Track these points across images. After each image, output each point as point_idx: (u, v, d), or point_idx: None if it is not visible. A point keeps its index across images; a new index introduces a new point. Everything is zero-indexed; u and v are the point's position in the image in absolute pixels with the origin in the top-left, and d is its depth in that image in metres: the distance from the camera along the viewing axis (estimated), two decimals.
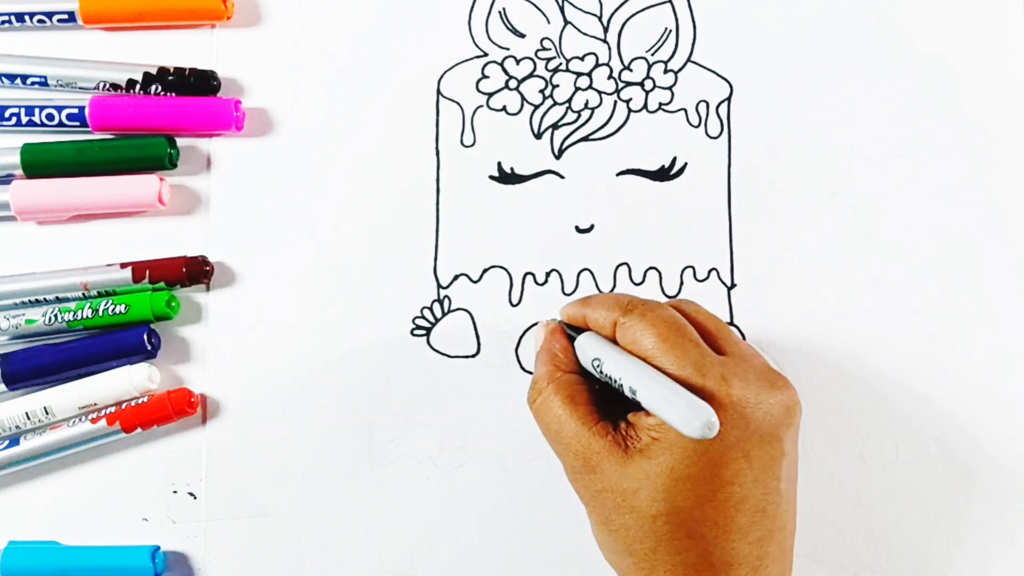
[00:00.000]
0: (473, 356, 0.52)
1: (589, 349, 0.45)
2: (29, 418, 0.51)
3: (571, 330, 0.46)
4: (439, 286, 0.52)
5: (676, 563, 0.41)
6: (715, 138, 0.53)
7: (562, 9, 0.54)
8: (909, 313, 0.51)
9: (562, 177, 0.53)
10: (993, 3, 0.53)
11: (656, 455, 0.41)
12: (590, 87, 0.53)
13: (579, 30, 0.53)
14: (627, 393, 0.42)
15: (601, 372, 0.44)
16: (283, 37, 0.54)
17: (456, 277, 0.52)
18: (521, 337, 0.52)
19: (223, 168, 0.53)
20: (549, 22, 0.54)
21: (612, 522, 0.42)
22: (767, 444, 0.42)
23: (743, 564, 0.41)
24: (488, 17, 0.54)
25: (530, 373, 0.52)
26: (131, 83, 0.53)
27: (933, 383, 0.51)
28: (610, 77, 0.53)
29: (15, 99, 0.53)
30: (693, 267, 0.52)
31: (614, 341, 0.44)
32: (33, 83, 0.53)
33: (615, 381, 0.42)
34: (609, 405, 0.44)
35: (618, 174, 0.53)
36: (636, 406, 0.43)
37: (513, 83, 0.53)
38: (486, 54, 0.54)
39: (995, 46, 0.53)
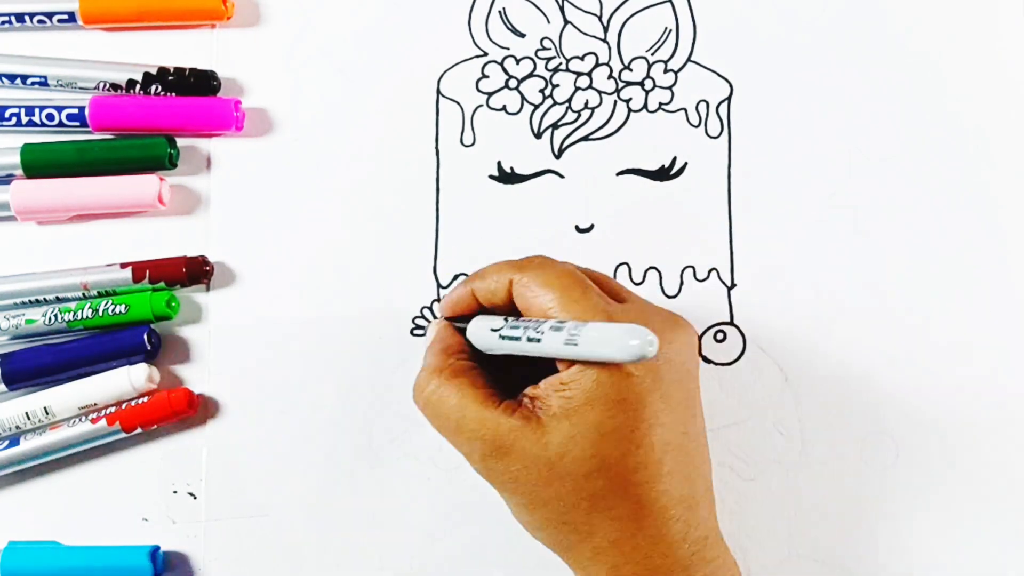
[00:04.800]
0: None
1: (484, 324, 0.44)
2: (29, 418, 0.51)
3: (459, 322, 0.46)
4: (439, 286, 0.52)
5: (613, 517, 0.41)
6: (715, 138, 0.53)
7: (562, 9, 0.54)
8: (909, 313, 0.51)
9: (562, 177, 0.53)
10: (991, 4, 0.53)
11: (575, 414, 0.40)
12: (590, 87, 0.53)
13: (579, 30, 0.53)
14: (538, 349, 0.41)
15: (504, 338, 0.42)
16: (283, 37, 0.54)
17: (456, 277, 0.52)
18: None
19: (223, 168, 0.53)
20: (549, 22, 0.54)
21: (539, 497, 0.41)
22: (682, 382, 0.42)
23: (677, 505, 0.41)
24: (488, 17, 0.54)
25: None
26: (131, 83, 0.53)
27: (933, 383, 0.51)
28: (610, 77, 0.53)
29: (15, 99, 0.53)
30: (693, 267, 0.52)
31: (508, 312, 0.44)
32: (33, 83, 0.53)
33: (523, 339, 0.41)
34: (505, 388, 0.43)
35: (618, 174, 0.53)
36: (534, 379, 0.42)
37: (513, 83, 0.53)
38: (486, 54, 0.54)
39: (993, 47, 0.53)
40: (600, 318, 0.41)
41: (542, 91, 0.53)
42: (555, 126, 0.53)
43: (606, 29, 0.53)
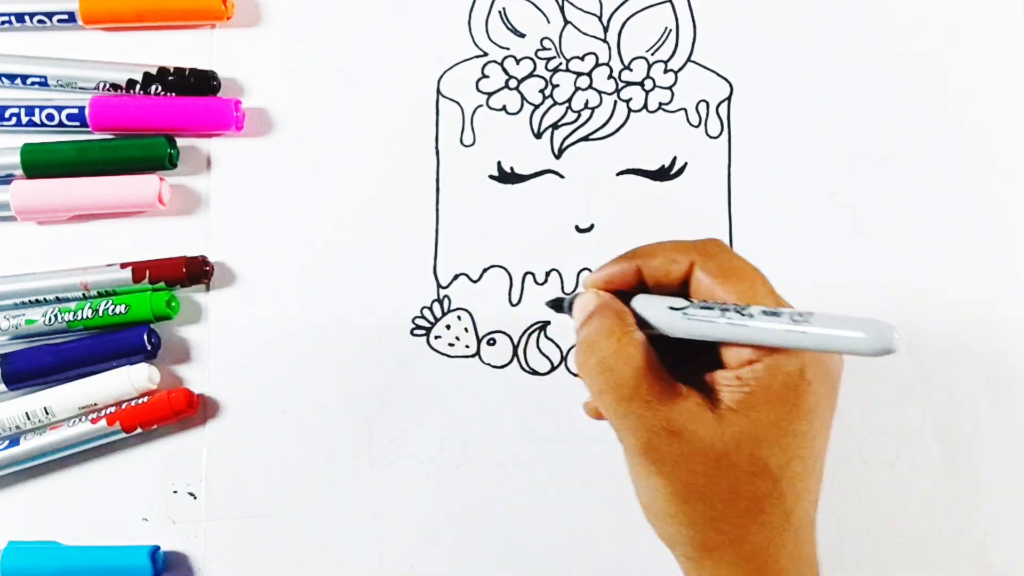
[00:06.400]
0: (473, 356, 0.52)
1: (661, 302, 0.40)
2: (29, 418, 0.51)
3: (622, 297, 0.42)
4: (439, 286, 0.52)
5: (765, 523, 0.39)
6: (715, 138, 0.53)
7: (562, 9, 0.54)
8: (908, 313, 0.51)
9: (562, 177, 0.53)
10: (991, 4, 0.53)
11: (754, 411, 0.38)
12: (590, 87, 0.53)
13: (579, 30, 0.53)
14: (742, 335, 0.38)
15: (691, 319, 0.39)
16: (283, 37, 0.54)
17: (456, 277, 0.52)
18: (524, 335, 0.52)
19: (223, 168, 0.53)
20: (549, 22, 0.54)
21: (697, 487, 0.39)
22: (833, 395, 0.41)
23: (810, 524, 0.40)
24: (488, 17, 0.54)
25: (533, 373, 0.52)
26: (131, 83, 0.53)
27: (933, 383, 0.51)
28: (610, 77, 0.53)
29: (15, 99, 0.53)
30: None
31: (675, 292, 0.41)
32: (33, 83, 0.53)
33: (723, 321, 0.39)
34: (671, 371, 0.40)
35: (618, 174, 0.53)
36: (704, 368, 0.40)
37: (513, 83, 0.53)
38: (486, 54, 0.54)
39: (993, 47, 0.53)
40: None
41: (542, 91, 0.53)
42: (555, 126, 0.53)
43: (606, 29, 0.53)
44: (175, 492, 0.51)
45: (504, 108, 0.53)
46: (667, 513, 0.40)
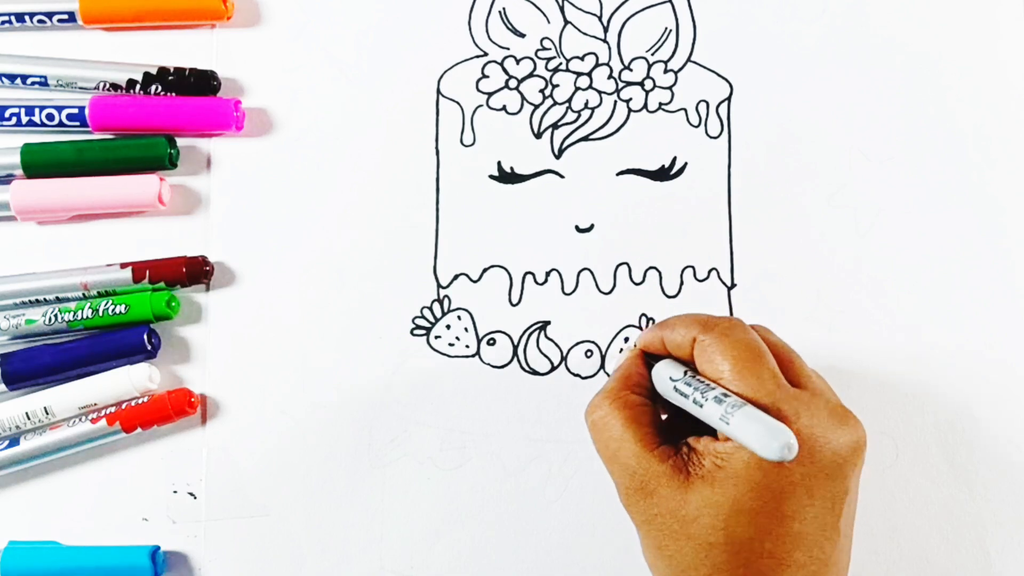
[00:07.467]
0: (473, 356, 0.52)
1: (665, 371, 0.44)
2: (29, 418, 0.51)
3: (652, 359, 0.46)
4: (439, 286, 0.52)
5: None
6: (715, 138, 0.53)
7: (562, 9, 0.54)
8: (909, 313, 0.51)
9: (562, 177, 0.53)
10: (991, 4, 0.53)
11: (719, 484, 0.40)
12: (590, 87, 0.53)
13: (579, 30, 0.53)
14: (700, 413, 0.41)
15: (677, 391, 0.43)
16: (283, 37, 0.54)
17: (456, 277, 0.52)
18: (524, 335, 0.52)
19: (223, 168, 0.53)
20: (549, 22, 0.54)
21: (666, 547, 0.42)
22: (831, 482, 0.41)
23: None
24: (488, 17, 0.54)
25: (533, 373, 0.52)
26: (131, 83, 0.53)
27: (933, 383, 0.51)
28: (610, 77, 0.53)
29: (15, 99, 0.53)
30: (693, 267, 0.52)
31: (691, 364, 0.44)
32: (33, 83, 0.53)
33: (690, 399, 0.42)
34: (670, 434, 0.43)
35: (618, 174, 0.53)
36: (699, 432, 0.42)
37: (513, 83, 0.53)
38: (486, 54, 0.54)
39: (993, 47, 0.53)
40: (764, 401, 0.41)
41: (542, 91, 0.53)
42: (555, 126, 0.53)
43: (606, 29, 0.53)
44: (175, 492, 0.51)
45: (504, 108, 0.53)
46: (646, 558, 0.43)
